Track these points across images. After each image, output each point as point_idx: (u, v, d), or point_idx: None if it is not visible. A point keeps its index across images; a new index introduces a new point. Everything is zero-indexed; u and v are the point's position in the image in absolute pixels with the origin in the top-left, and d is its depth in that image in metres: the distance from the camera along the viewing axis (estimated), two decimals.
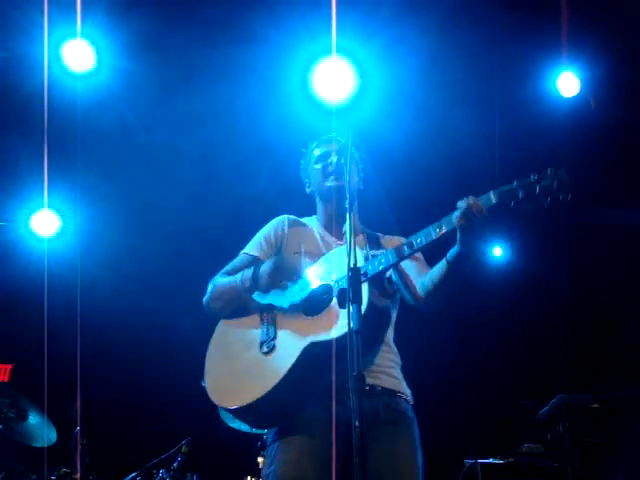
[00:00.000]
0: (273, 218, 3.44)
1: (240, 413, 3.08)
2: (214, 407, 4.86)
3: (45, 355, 5.08)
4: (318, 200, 3.44)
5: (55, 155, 5.32)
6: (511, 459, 5.15)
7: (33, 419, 4.90)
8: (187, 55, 5.51)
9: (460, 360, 6.44)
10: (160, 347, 6.04)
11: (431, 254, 3.10)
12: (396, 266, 3.07)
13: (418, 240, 2.93)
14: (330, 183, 3.31)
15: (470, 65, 5.56)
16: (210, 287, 3.27)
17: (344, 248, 3.06)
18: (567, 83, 5.74)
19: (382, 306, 3.08)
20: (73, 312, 5.16)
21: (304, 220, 3.44)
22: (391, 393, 3.05)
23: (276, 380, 2.92)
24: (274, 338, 3.05)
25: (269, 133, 5.69)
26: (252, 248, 3.33)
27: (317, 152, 3.42)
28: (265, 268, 3.10)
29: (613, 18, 5.45)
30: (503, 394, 6.30)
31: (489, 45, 5.54)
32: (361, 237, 3.32)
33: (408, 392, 3.13)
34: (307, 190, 3.50)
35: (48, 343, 5.25)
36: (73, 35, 5.15)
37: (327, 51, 5.25)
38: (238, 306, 3.18)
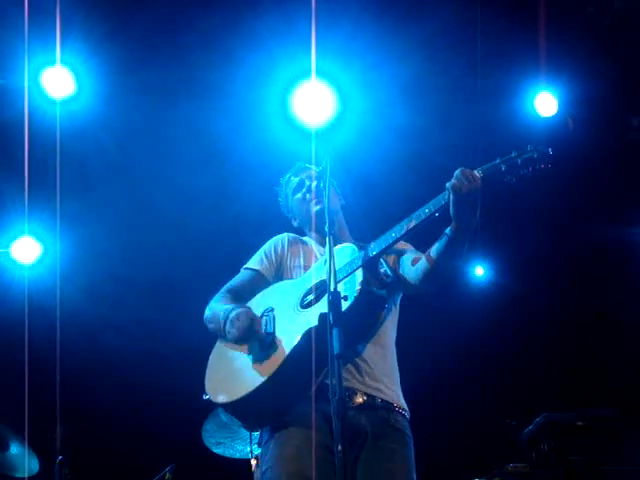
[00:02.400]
0: (253, 240, 3.47)
1: (236, 407, 3.04)
2: (198, 433, 4.87)
3: (26, 384, 5.03)
4: (307, 230, 3.48)
5: (36, 181, 5.30)
6: (496, 479, 5.14)
7: (14, 449, 4.86)
8: (166, 79, 5.52)
9: (444, 379, 6.43)
10: (142, 374, 6.00)
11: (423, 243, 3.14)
12: (389, 249, 3.10)
13: (410, 223, 2.99)
14: (313, 208, 3.35)
15: (449, 87, 5.61)
16: (207, 308, 3.27)
17: (345, 246, 3.13)
18: (545, 103, 5.80)
19: (376, 293, 3.07)
20: (54, 339, 5.12)
21: (304, 238, 3.47)
22: (390, 407, 3.02)
23: (275, 367, 2.92)
24: (273, 333, 3.05)
25: (249, 156, 5.70)
26: (253, 263, 3.37)
27: (293, 183, 3.48)
28: (233, 317, 3.08)
29: (590, 39, 5.52)
30: (487, 413, 6.29)
31: (468, 66, 5.60)
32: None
33: (405, 406, 3.11)
34: (294, 224, 3.54)
35: (29, 371, 5.20)
36: (52, 62, 5.15)
37: (307, 74, 5.27)
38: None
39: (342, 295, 2.69)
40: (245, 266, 3.38)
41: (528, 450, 5.28)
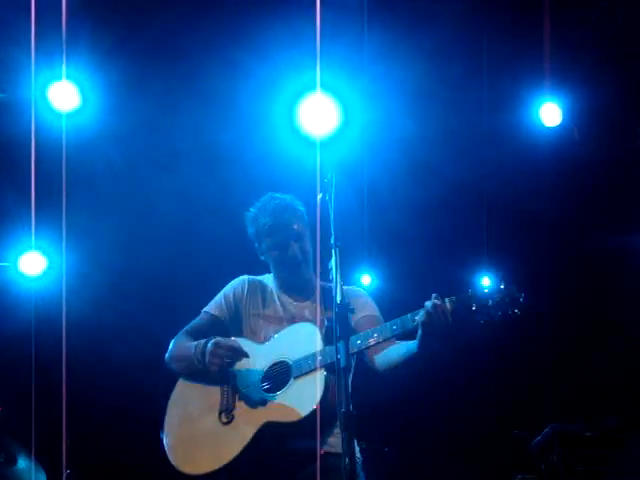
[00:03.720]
0: (252, 263, 3.48)
1: (193, 478, 3.16)
2: None
3: (33, 397, 5.03)
4: (273, 269, 3.48)
5: (42, 195, 5.32)
6: None
7: (22, 463, 4.84)
8: (172, 92, 5.56)
9: (451, 391, 6.41)
10: (149, 387, 5.97)
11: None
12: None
13: (375, 335, 3.02)
14: (288, 269, 3.36)
15: (453, 98, 5.62)
16: (171, 346, 3.41)
17: (298, 326, 3.21)
18: (549, 113, 5.81)
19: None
20: (60, 351, 5.12)
21: (264, 280, 3.49)
22: (337, 455, 2.98)
23: (231, 455, 3.02)
24: (233, 409, 3.14)
25: (254, 168, 5.71)
26: (212, 307, 3.42)
27: (272, 238, 3.40)
28: (210, 348, 3.17)
29: (594, 48, 5.53)
30: (496, 425, 6.27)
31: (472, 77, 5.61)
32: (315, 297, 3.37)
33: (357, 450, 3.14)
34: (260, 257, 3.53)
35: (36, 384, 5.20)
36: (59, 77, 5.18)
37: (312, 86, 5.28)
38: (196, 371, 3.26)
39: (349, 307, 2.72)
40: (204, 309, 3.44)
41: (537, 461, 5.25)
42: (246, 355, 3.16)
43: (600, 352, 6.34)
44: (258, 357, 3.19)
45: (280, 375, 3.12)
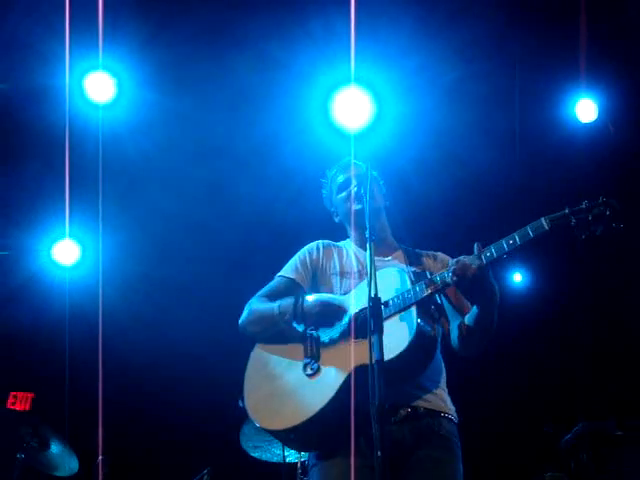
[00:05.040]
0: (293, 244, 3.46)
1: (282, 435, 3.07)
2: (236, 436, 4.88)
3: (66, 383, 5.10)
4: (348, 227, 3.45)
5: (76, 185, 5.38)
6: None
7: (55, 448, 4.89)
8: (207, 84, 5.58)
9: (480, 387, 6.38)
10: (182, 377, 6.04)
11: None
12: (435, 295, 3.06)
13: (428, 288, 2.98)
14: (356, 207, 3.31)
15: (488, 92, 5.59)
16: (247, 310, 3.26)
17: (388, 270, 3.11)
18: (585, 109, 5.76)
19: (429, 331, 3.02)
20: (94, 340, 5.19)
21: (338, 243, 3.45)
22: (434, 414, 3.00)
23: (322, 404, 2.91)
24: (318, 359, 3.04)
25: (289, 160, 5.72)
26: (289, 271, 3.33)
27: (339, 180, 3.44)
28: (311, 304, 3.10)
29: (630, 44, 5.47)
30: (526, 422, 6.23)
31: (507, 73, 5.58)
32: (399, 252, 3.35)
33: (452, 410, 3.09)
34: (335, 219, 3.52)
35: (69, 371, 5.26)
36: (95, 67, 5.24)
37: (346, 80, 5.30)
38: (276, 331, 3.16)
39: (382, 301, 2.70)
40: (279, 274, 3.35)
41: (566, 459, 5.22)
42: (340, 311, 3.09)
43: (633, 348, 6.28)
44: (341, 307, 3.10)
45: (360, 323, 3.00)
